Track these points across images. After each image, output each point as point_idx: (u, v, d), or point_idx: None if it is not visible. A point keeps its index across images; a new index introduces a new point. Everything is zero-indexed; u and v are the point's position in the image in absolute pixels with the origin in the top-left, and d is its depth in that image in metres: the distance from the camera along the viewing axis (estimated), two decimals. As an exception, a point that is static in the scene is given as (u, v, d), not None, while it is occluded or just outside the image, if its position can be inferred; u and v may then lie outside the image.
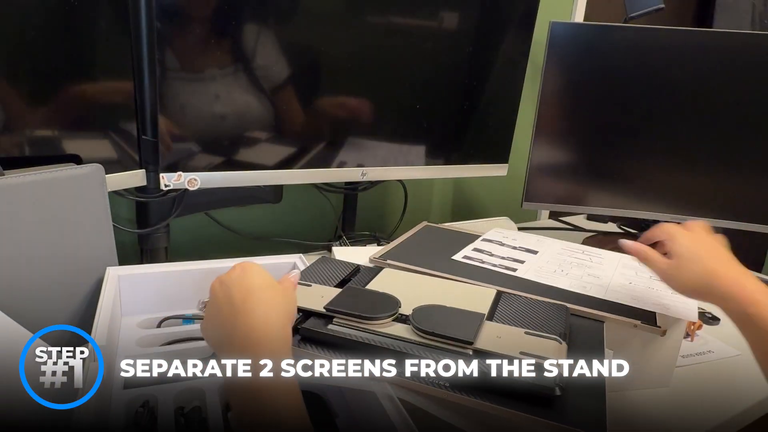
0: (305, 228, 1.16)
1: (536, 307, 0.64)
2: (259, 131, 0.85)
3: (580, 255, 0.86)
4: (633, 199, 1.12)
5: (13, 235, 0.60)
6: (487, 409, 0.46)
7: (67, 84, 0.69)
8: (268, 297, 0.45)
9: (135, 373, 0.45)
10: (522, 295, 0.67)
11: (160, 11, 0.73)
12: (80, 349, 0.45)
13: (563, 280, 0.75)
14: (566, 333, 0.56)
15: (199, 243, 1.04)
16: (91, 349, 0.46)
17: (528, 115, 1.14)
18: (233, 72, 0.80)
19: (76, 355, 0.45)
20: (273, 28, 0.81)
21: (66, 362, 0.44)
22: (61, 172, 0.63)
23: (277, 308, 0.45)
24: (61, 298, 0.65)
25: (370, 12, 0.89)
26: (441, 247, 0.87)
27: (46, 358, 0.44)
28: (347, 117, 0.93)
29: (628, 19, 1.17)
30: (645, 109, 1.07)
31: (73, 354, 0.45)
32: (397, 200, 1.27)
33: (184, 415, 0.51)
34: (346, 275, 0.68)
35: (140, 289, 0.69)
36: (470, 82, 1.03)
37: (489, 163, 1.13)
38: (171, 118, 0.78)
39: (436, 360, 0.46)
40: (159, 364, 0.45)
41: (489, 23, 1.02)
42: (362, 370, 0.45)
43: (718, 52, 1.03)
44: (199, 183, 0.82)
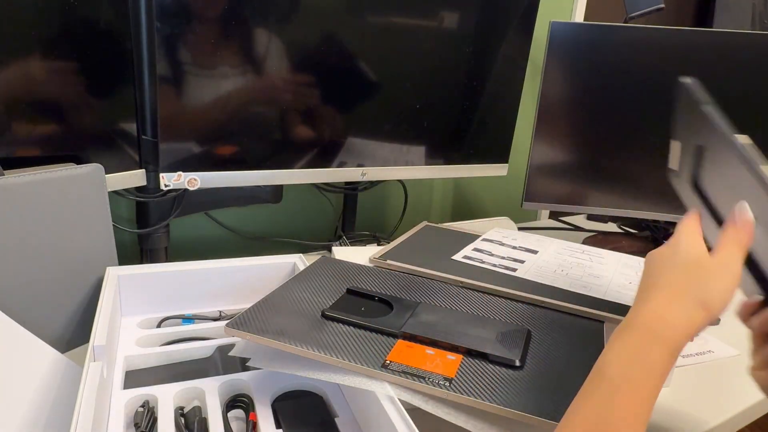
0: (305, 228, 1.16)
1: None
2: (259, 131, 0.85)
3: (580, 255, 0.86)
4: (633, 199, 1.12)
5: (13, 235, 0.60)
6: (487, 409, 0.46)
7: (66, 84, 0.69)
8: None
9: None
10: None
11: (160, 11, 0.73)
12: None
13: (563, 280, 0.75)
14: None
15: (199, 243, 1.04)
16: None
17: (528, 115, 1.14)
18: (233, 71, 0.80)
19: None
20: (273, 28, 0.81)
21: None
22: (61, 172, 0.63)
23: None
24: (61, 298, 0.65)
25: (371, 12, 0.89)
26: (441, 247, 0.87)
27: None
28: (347, 117, 0.93)
29: (628, 19, 1.17)
30: (645, 109, 1.07)
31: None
32: (397, 200, 1.27)
33: (184, 415, 0.51)
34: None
35: (140, 289, 0.69)
36: (470, 82, 1.03)
37: (489, 163, 1.13)
38: (171, 118, 0.78)
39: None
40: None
41: (489, 23, 1.02)
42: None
43: (718, 52, 1.03)
44: (199, 183, 0.82)
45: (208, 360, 0.62)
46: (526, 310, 0.66)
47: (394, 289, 0.68)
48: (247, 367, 0.55)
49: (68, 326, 0.66)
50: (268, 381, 0.56)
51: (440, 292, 0.68)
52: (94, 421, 0.41)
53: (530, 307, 0.67)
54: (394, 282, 0.70)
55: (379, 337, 0.55)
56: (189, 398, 0.54)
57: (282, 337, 0.52)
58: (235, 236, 1.07)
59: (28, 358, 0.52)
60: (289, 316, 0.56)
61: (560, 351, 0.57)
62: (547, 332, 0.61)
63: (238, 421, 0.53)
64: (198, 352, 0.63)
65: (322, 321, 0.56)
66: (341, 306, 0.60)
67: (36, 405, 0.49)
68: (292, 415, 0.53)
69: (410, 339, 0.55)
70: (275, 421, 0.52)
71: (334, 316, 0.57)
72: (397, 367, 0.49)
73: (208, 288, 0.72)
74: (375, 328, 0.56)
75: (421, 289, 0.69)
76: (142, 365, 0.61)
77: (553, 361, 0.54)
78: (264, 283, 0.74)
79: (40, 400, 0.50)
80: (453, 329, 0.57)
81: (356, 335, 0.54)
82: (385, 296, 0.64)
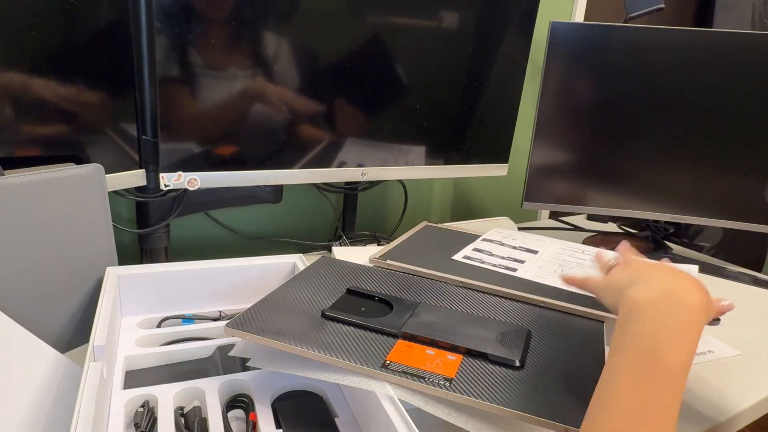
0: (305, 228, 1.16)
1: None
2: (259, 131, 0.85)
3: (580, 255, 0.86)
4: (633, 199, 1.12)
5: (13, 235, 0.60)
6: (487, 409, 0.46)
7: (66, 84, 0.69)
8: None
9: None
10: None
11: (160, 11, 0.73)
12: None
13: (563, 280, 0.75)
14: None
15: (199, 243, 1.04)
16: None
17: (528, 115, 1.14)
18: (233, 71, 0.80)
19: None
20: (273, 28, 0.81)
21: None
22: (61, 172, 0.63)
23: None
24: (61, 298, 0.65)
25: (371, 12, 0.89)
26: (441, 247, 0.87)
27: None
28: (347, 117, 0.93)
29: (628, 19, 1.17)
30: (645, 109, 1.07)
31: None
32: (397, 200, 1.27)
33: (184, 415, 0.51)
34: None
35: (140, 289, 0.69)
36: (470, 82, 1.04)
37: (489, 163, 1.13)
38: (171, 118, 0.78)
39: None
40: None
41: (489, 23, 1.02)
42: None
43: (718, 52, 1.03)
44: (199, 183, 0.82)
45: (208, 360, 0.62)
46: (526, 310, 0.66)
47: (394, 289, 0.68)
48: (247, 367, 0.55)
49: (68, 326, 0.66)
50: (268, 381, 0.56)
51: (440, 292, 0.68)
52: (94, 421, 0.41)
53: (530, 307, 0.67)
54: (394, 282, 0.70)
55: (379, 337, 0.55)
56: (189, 398, 0.54)
57: (282, 337, 0.52)
58: (235, 236, 1.07)
59: (28, 358, 0.52)
60: (289, 316, 0.56)
61: (560, 351, 0.57)
62: (547, 332, 0.61)
63: (238, 421, 0.53)
64: (198, 352, 0.63)
65: (322, 321, 0.56)
66: (341, 306, 0.60)
67: (36, 405, 0.49)
68: (292, 415, 0.53)
69: (410, 339, 0.55)
70: (275, 421, 0.51)
71: (334, 316, 0.57)
72: (397, 367, 0.49)
73: (208, 288, 0.72)
74: (375, 328, 0.56)
75: (421, 289, 0.69)
76: (142, 365, 0.61)
77: (553, 361, 0.54)
78: (264, 283, 0.74)
79: (40, 400, 0.50)
80: (453, 329, 0.57)
81: (356, 335, 0.54)
82: (385, 296, 0.64)
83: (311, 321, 0.56)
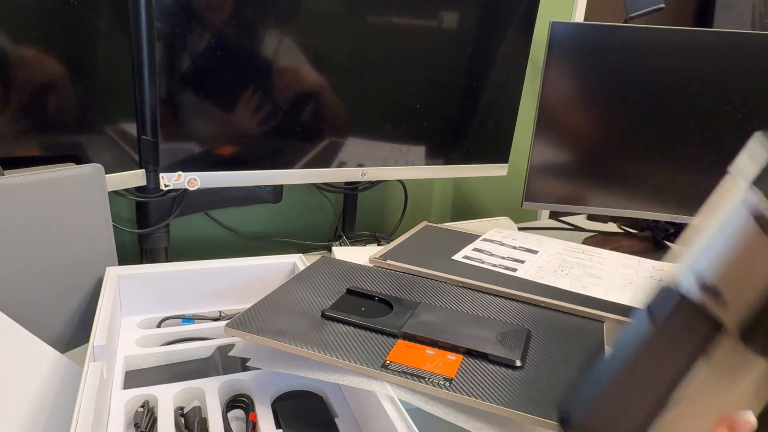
0: (305, 228, 1.16)
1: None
2: (260, 131, 0.85)
3: (580, 255, 0.86)
4: (633, 199, 1.12)
5: (13, 235, 0.60)
6: (487, 409, 0.46)
7: (66, 84, 0.69)
8: None
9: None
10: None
11: (160, 11, 0.73)
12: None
13: (563, 280, 0.75)
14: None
15: (199, 243, 1.04)
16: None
17: (528, 115, 1.14)
18: (233, 71, 0.80)
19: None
20: (273, 28, 0.81)
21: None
22: (61, 172, 0.63)
23: None
24: (61, 298, 0.65)
25: (371, 12, 0.89)
26: (441, 247, 0.87)
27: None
28: (347, 117, 0.93)
29: (628, 19, 1.17)
30: (645, 109, 1.07)
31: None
32: (397, 200, 1.27)
33: (184, 415, 0.51)
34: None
35: (140, 289, 0.69)
36: (470, 82, 1.04)
37: (489, 163, 1.13)
38: (171, 118, 0.78)
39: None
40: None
41: (489, 23, 1.02)
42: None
43: (718, 52, 1.03)
44: (199, 183, 0.82)
45: (208, 360, 0.62)
46: (526, 310, 0.66)
47: (394, 289, 0.68)
48: (247, 367, 0.55)
49: (68, 326, 0.66)
50: (268, 381, 0.56)
51: (440, 292, 0.68)
52: (94, 421, 0.41)
53: (530, 307, 0.67)
54: (394, 282, 0.70)
55: (379, 337, 0.55)
56: (189, 398, 0.54)
57: (282, 337, 0.52)
58: (235, 236, 1.07)
59: (28, 358, 0.52)
60: (289, 316, 0.56)
61: (560, 351, 0.57)
62: (547, 332, 0.61)
63: (238, 421, 0.53)
64: (198, 352, 0.63)
65: (322, 321, 0.56)
66: (341, 306, 0.60)
67: (36, 405, 0.49)
68: (292, 415, 0.53)
69: (410, 339, 0.55)
70: (275, 421, 0.51)
71: (334, 316, 0.57)
72: (397, 368, 0.49)
73: (208, 288, 0.72)
74: (375, 328, 0.56)
75: (421, 289, 0.69)
76: (142, 365, 0.61)
77: (553, 361, 0.54)
78: (264, 283, 0.74)
79: (40, 400, 0.49)
80: (453, 329, 0.57)
81: (356, 335, 0.54)
82: (385, 296, 0.64)
83: (311, 321, 0.56)
